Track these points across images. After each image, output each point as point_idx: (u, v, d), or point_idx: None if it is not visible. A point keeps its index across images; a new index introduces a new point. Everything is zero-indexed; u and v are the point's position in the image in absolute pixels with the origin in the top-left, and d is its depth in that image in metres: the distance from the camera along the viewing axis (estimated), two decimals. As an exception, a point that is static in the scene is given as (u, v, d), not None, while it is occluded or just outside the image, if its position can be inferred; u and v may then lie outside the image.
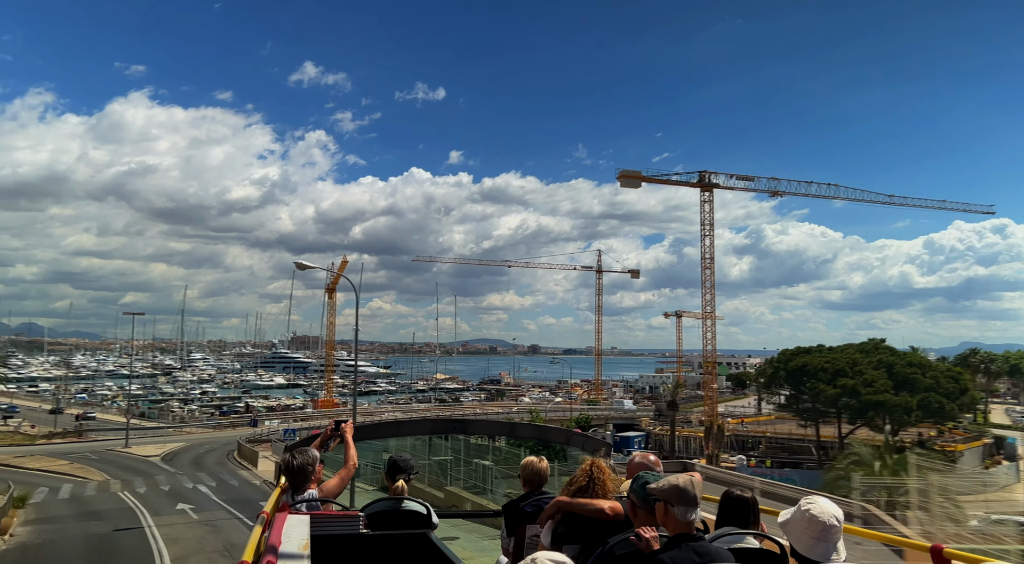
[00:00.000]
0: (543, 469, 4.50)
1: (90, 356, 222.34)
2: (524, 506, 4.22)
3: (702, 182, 70.35)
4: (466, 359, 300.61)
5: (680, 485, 2.91)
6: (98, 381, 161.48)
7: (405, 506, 4.37)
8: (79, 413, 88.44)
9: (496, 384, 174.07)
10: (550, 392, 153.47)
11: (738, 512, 3.39)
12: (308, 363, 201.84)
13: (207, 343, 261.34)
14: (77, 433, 57.82)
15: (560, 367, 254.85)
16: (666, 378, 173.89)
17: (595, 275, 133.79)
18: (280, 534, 3.02)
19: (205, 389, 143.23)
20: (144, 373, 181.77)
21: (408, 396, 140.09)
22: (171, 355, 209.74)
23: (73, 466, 40.99)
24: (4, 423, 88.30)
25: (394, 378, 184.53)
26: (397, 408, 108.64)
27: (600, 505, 3.62)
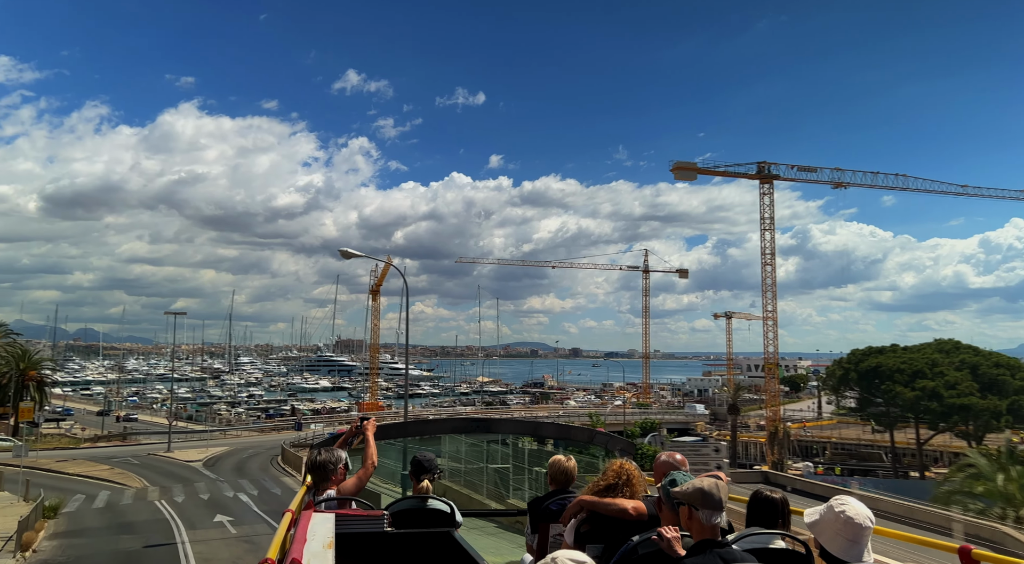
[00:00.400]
0: (570, 468, 4.44)
1: (143, 360, 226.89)
2: (549, 504, 4.16)
3: (761, 173, 66.14)
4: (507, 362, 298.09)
5: (704, 489, 2.85)
6: (149, 384, 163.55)
7: (429, 505, 4.31)
8: (120, 414, 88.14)
9: (539, 387, 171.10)
10: (595, 395, 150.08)
11: (766, 512, 3.25)
12: (352, 366, 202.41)
13: (254, 347, 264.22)
14: (122, 436, 56.43)
15: (602, 370, 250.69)
16: (714, 381, 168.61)
17: (639, 277, 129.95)
18: (305, 532, 2.99)
19: (252, 392, 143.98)
20: (193, 376, 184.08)
21: (452, 399, 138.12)
22: (219, 359, 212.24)
23: (113, 471, 39.09)
24: (57, 426, 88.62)
25: (437, 381, 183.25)
26: (442, 411, 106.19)
27: (624, 505, 3.57)
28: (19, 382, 67.52)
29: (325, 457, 4.34)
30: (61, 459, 43.29)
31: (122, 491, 33.63)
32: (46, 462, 41.90)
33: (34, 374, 67.68)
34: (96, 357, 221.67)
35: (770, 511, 3.27)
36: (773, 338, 67.07)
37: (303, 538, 2.91)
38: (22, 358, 67.76)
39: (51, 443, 52.94)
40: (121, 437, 56.01)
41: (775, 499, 3.30)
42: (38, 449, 49.10)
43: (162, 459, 44.69)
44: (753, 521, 3.29)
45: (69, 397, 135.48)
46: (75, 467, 40.55)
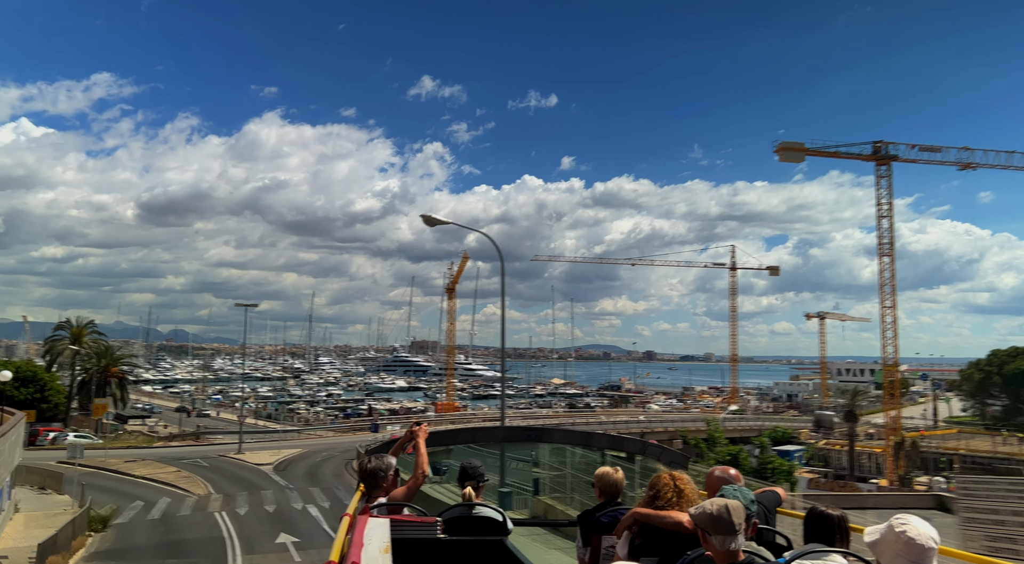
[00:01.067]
0: (619, 480, 4.30)
1: (228, 360, 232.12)
2: (600, 516, 4.06)
3: (877, 154, 58.39)
4: (580, 364, 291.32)
5: (713, 512, 2.73)
6: (233, 383, 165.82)
7: (480, 512, 4.26)
8: (191, 410, 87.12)
9: (617, 390, 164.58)
10: (676, 399, 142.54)
11: (823, 529, 3.10)
12: (427, 367, 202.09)
13: (334, 348, 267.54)
14: (195, 436, 53.89)
15: (678, 373, 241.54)
16: (803, 386, 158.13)
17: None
18: (362, 537, 3.03)
19: (331, 391, 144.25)
20: (275, 376, 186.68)
21: (527, 400, 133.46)
22: (300, 359, 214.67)
23: (179, 474, 35.72)
24: (142, 423, 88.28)
25: (511, 382, 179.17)
26: (518, 413, 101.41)
27: (679, 518, 3.41)
28: (102, 379, 66.42)
29: (375, 465, 4.32)
30: (130, 459, 40.41)
31: (183, 499, 29.95)
32: (115, 462, 39.04)
33: (116, 371, 66.39)
34: (186, 357, 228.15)
35: (827, 528, 3.09)
36: (893, 338, 59.20)
37: (360, 542, 2.93)
38: (104, 354, 66.63)
39: (127, 441, 50.69)
40: (195, 436, 53.44)
41: (832, 515, 3.11)
42: (113, 447, 46.80)
43: (232, 462, 41.30)
44: (811, 538, 3.11)
45: (158, 395, 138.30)
46: (142, 468, 37.45)
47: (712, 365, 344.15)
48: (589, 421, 68.59)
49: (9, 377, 27.02)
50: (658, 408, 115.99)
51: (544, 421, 68.70)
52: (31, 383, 77.11)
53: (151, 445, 48.62)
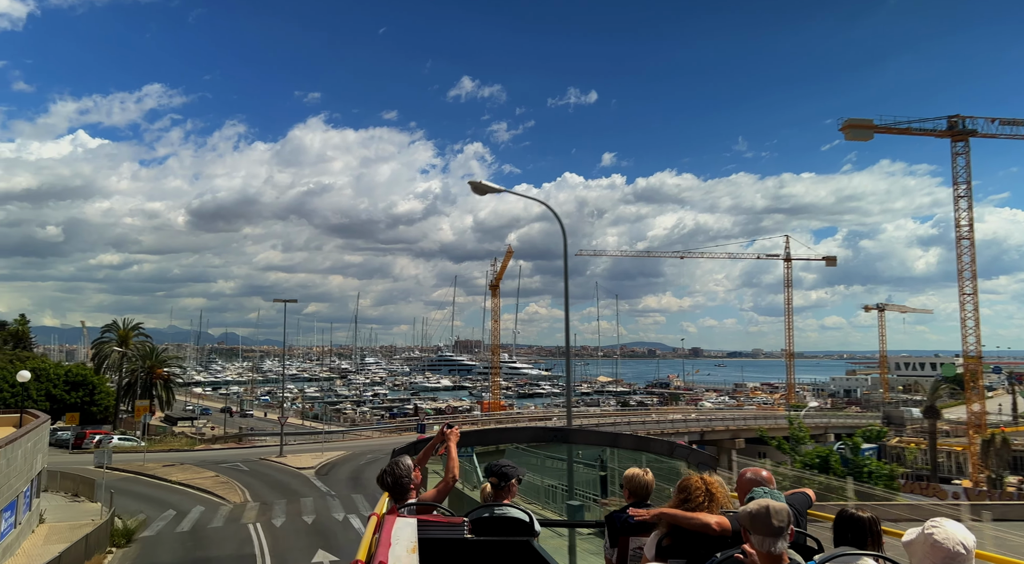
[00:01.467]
0: (648, 482, 4.30)
1: (277, 361, 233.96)
2: (628, 518, 3.94)
3: (953, 129, 53.50)
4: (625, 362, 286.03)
5: (753, 512, 2.68)
6: (280, 384, 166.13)
7: (507, 513, 4.17)
8: (235, 410, 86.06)
9: (665, 387, 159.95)
10: (728, 396, 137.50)
11: (854, 532, 3.01)
12: (472, 365, 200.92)
13: (379, 348, 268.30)
14: (238, 438, 52.07)
15: (727, 370, 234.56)
16: (861, 381, 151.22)
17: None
18: (390, 536, 3.03)
19: (377, 391, 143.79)
20: (322, 376, 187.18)
21: (575, 399, 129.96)
22: (347, 360, 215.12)
23: (217, 480, 33.54)
24: (191, 424, 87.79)
25: (556, 381, 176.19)
26: (564, 412, 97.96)
27: (707, 520, 3.36)
28: (146, 380, 65.48)
29: (396, 474, 4.26)
30: (169, 463, 38.52)
31: (217, 508, 27.62)
32: (153, 467, 37.20)
33: (160, 372, 65.37)
34: (236, 359, 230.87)
35: (857, 531, 3.01)
36: (974, 328, 54.20)
37: (388, 542, 2.93)
38: (149, 356, 65.67)
39: (169, 444, 49.11)
40: (237, 438, 51.62)
41: (863, 517, 3.03)
42: (153, 450, 45.20)
43: (272, 465, 39.11)
44: (841, 541, 3.03)
45: (208, 396, 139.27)
46: (180, 473, 35.43)
47: (761, 361, 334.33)
48: (644, 420, 64.92)
49: (28, 377, 25.08)
50: (711, 405, 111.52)
51: (598, 421, 65.32)
52: (81, 387, 76.98)
53: (193, 447, 46.90)
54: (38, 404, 72.30)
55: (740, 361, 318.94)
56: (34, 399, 73.30)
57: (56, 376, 75.44)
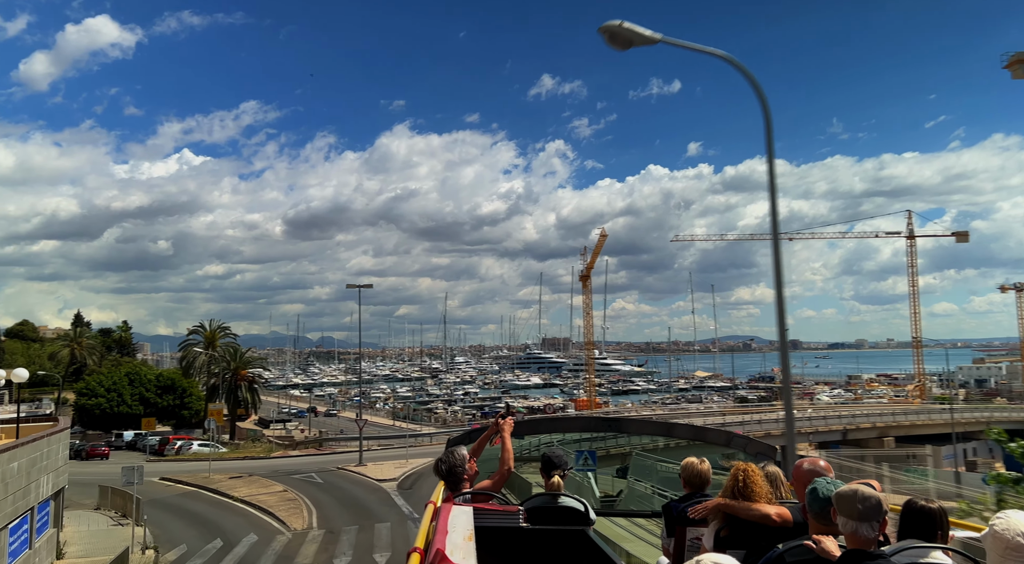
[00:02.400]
0: (704, 470, 4.13)
1: (371, 362, 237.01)
2: (685, 508, 3.89)
3: None
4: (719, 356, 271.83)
5: (842, 493, 2.62)
6: (375, 385, 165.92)
7: (562, 502, 4.14)
8: (320, 410, 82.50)
9: (770, 381, 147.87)
10: (843, 389, 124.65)
11: (923, 524, 2.80)
12: (561, 363, 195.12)
13: (468, 348, 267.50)
14: (318, 443, 47.09)
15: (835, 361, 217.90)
16: (993, 370, 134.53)
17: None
18: (446, 524, 3.02)
19: (467, 390, 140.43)
20: (413, 376, 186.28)
21: (673, 395, 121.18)
22: (438, 359, 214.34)
23: (283, 497, 28.10)
24: (282, 427, 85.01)
25: (650, 376, 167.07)
26: (664, 409, 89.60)
27: (767, 510, 3.31)
28: (231, 382, 62.18)
29: (451, 463, 4.24)
30: (237, 475, 33.58)
31: (274, 537, 21.94)
32: (218, 479, 32.35)
33: (245, 374, 61.89)
34: (333, 361, 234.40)
35: (927, 523, 2.81)
36: None
37: (444, 530, 2.91)
38: (234, 357, 62.33)
39: (246, 450, 44.82)
40: (318, 444, 46.66)
41: (932, 509, 2.82)
42: (228, 458, 40.78)
43: (350, 477, 33.50)
44: (908, 533, 2.83)
45: (303, 398, 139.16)
46: (245, 487, 30.30)
47: (866, 352, 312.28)
48: (766, 417, 55.79)
49: (25, 377, 20.09)
50: (828, 399, 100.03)
51: (704, 419, 56.77)
52: (172, 391, 75.07)
53: (269, 454, 42.16)
54: (132, 408, 70.68)
55: (843, 353, 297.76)
56: (128, 403, 71.76)
57: (148, 380, 73.73)
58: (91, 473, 38.82)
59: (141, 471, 21.39)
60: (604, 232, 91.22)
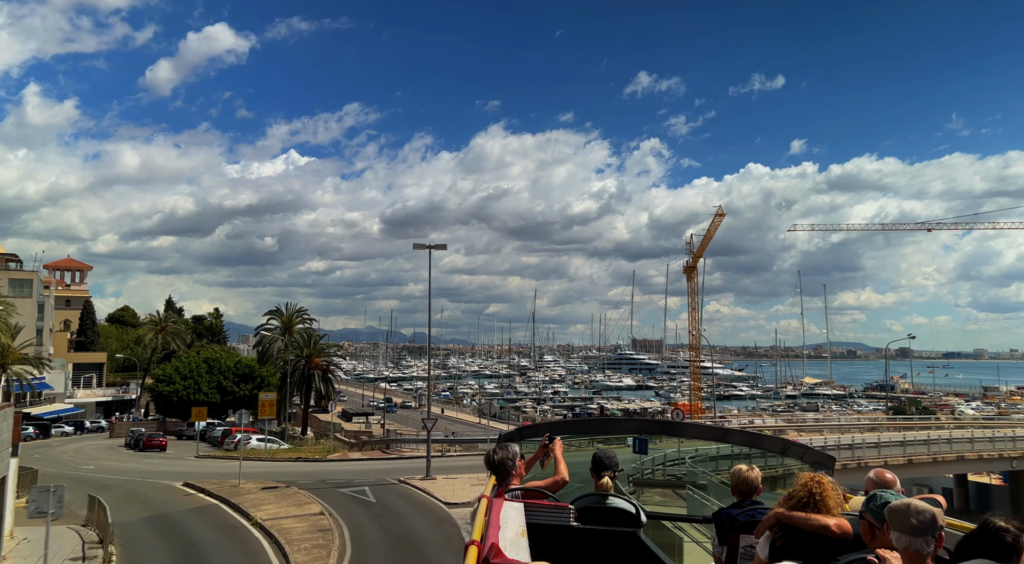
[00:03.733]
0: (752, 478, 3.99)
1: (460, 358, 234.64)
2: (738, 515, 3.80)
3: None
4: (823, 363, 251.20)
5: (895, 507, 2.46)
6: (463, 381, 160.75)
7: (611, 503, 4.02)
8: (399, 401, 74.96)
9: (891, 390, 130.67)
10: (981, 402, 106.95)
11: (994, 546, 2.43)
12: (654, 364, 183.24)
13: (556, 347, 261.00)
14: (384, 444, 38.92)
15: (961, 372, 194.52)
16: None
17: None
18: (498, 519, 2.97)
19: (557, 389, 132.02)
20: (502, 373, 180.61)
21: (784, 402, 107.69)
22: (526, 358, 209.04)
23: (315, 525, 19.79)
24: (365, 420, 78.65)
25: (754, 382, 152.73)
26: (776, 417, 77.12)
27: (826, 522, 3.11)
28: (304, 370, 55.71)
29: (502, 456, 4.16)
30: (272, 485, 25.69)
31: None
32: (248, 490, 24.57)
33: (319, 361, 55.19)
34: (425, 356, 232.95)
35: (998, 545, 2.45)
36: None
37: (497, 524, 2.86)
38: (307, 344, 55.78)
39: (302, 450, 37.39)
40: (384, 445, 38.51)
41: (1009, 530, 2.46)
42: (279, 458, 33.36)
43: (411, 495, 24.91)
44: (978, 553, 2.50)
45: (394, 392, 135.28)
46: (274, 505, 22.32)
47: (986, 363, 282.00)
48: (937, 435, 42.89)
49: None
50: (972, 413, 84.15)
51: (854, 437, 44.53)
52: (249, 379, 69.78)
53: (326, 457, 34.33)
54: (208, 396, 65.52)
55: (962, 364, 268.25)
56: (204, 391, 66.78)
57: (227, 368, 68.78)
58: (130, 471, 32.31)
59: (61, 497, 13.51)
60: (721, 211, 79.15)
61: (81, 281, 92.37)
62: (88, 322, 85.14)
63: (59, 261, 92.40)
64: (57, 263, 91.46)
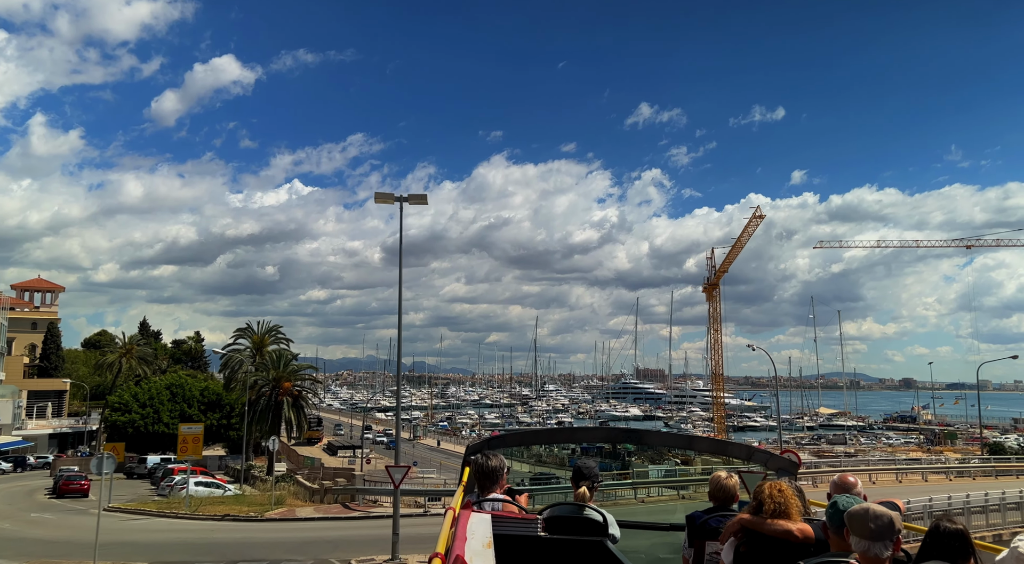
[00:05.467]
0: (730, 485, 3.95)
1: (460, 387, 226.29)
2: (709, 520, 3.77)
3: None
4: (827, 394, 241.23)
5: (854, 512, 2.48)
6: (462, 410, 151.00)
7: (584, 513, 3.99)
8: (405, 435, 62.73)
9: (911, 421, 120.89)
10: (1019, 435, 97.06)
11: (948, 547, 2.60)
12: (660, 394, 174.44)
13: (558, 376, 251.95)
14: (349, 494, 28.43)
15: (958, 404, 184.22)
16: None
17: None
18: (465, 530, 2.92)
19: (560, 419, 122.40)
20: (503, 403, 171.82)
21: (804, 434, 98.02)
22: (527, 387, 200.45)
23: None
24: (351, 454, 68.61)
25: (767, 413, 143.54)
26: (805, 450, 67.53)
27: (788, 527, 3.12)
28: (271, 397, 46.25)
29: (496, 463, 4.09)
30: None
31: None
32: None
33: (289, 386, 45.71)
34: (424, 385, 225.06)
35: (951, 546, 2.60)
36: None
37: (464, 536, 2.81)
38: (276, 365, 46.39)
39: (242, 502, 27.64)
40: (349, 496, 28.00)
41: (960, 531, 2.62)
42: (201, 515, 23.78)
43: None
44: (931, 556, 2.65)
45: (386, 422, 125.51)
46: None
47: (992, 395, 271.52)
48: None
49: None
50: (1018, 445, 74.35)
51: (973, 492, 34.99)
52: (218, 407, 60.20)
53: (263, 514, 24.37)
54: (170, 428, 55.45)
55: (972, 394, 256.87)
56: (165, 422, 56.85)
57: (192, 395, 59.13)
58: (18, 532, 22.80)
59: None
60: (760, 212, 69.34)
61: (52, 303, 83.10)
62: (52, 346, 75.64)
63: (27, 281, 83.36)
64: (25, 283, 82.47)
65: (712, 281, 72.37)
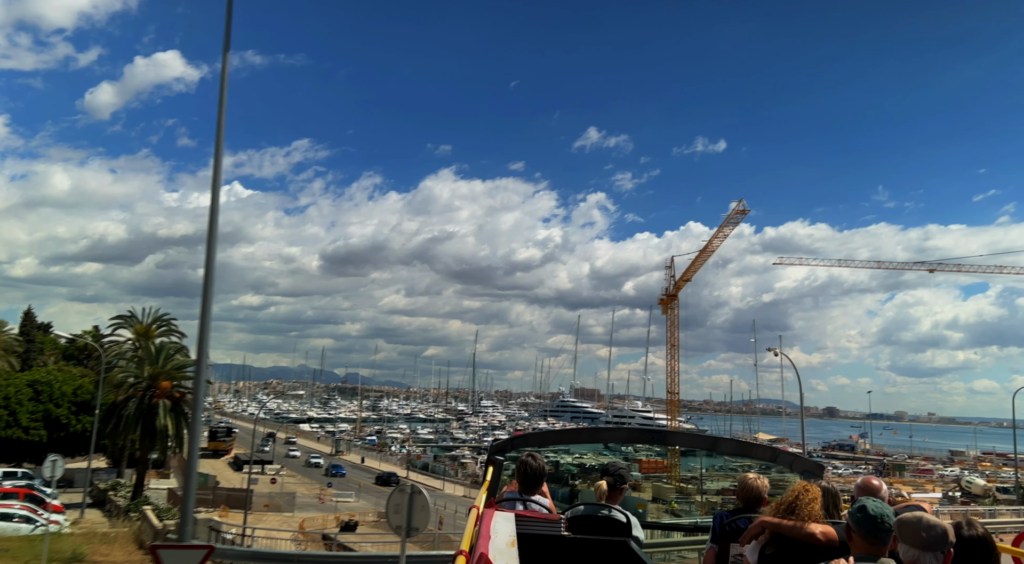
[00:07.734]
0: (759, 487, 3.88)
1: (393, 401, 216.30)
2: (736, 521, 3.71)
3: None
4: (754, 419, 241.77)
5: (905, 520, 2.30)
6: (393, 424, 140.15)
7: (605, 513, 4.01)
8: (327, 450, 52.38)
9: (850, 450, 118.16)
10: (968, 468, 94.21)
11: (970, 555, 2.43)
12: (598, 413, 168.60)
13: (495, 392, 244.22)
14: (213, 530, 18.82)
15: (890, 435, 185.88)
16: None
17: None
18: (489, 529, 2.94)
19: (497, 436, 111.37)
20: (438, 418, 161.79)
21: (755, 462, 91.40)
22: (463, 402, 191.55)
23: None
24: (261, 471, 57.96)
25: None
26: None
27: (812, 529, 3.09)
28: (145, 398, 35.94)
29: (541, 464, 4.12)
30: None
31: None
32: None
33: (167, 386, 35.47)
34: (355, 397, 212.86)
35: (980, 552, 2.44)
36: None
37: (487, 535, 2.82)
38: (153, 360, 36.06)
39: (58, 543, 17.87)
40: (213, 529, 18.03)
41: (984, 538, 2.46)
42: None
43: None
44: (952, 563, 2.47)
45: (310, 434, 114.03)
46: None
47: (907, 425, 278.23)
48: None
49: None
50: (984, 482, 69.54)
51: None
52: (88, 409, 48.99)
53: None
54: (29, 434, 44.34)
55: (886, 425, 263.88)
56: (24, 426, 45.72)
57: (61, 395, 47.69)
58: None
59: None
60: (743, 206, 62.85)
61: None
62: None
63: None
64: None
65: (671, 292, 65.78)
